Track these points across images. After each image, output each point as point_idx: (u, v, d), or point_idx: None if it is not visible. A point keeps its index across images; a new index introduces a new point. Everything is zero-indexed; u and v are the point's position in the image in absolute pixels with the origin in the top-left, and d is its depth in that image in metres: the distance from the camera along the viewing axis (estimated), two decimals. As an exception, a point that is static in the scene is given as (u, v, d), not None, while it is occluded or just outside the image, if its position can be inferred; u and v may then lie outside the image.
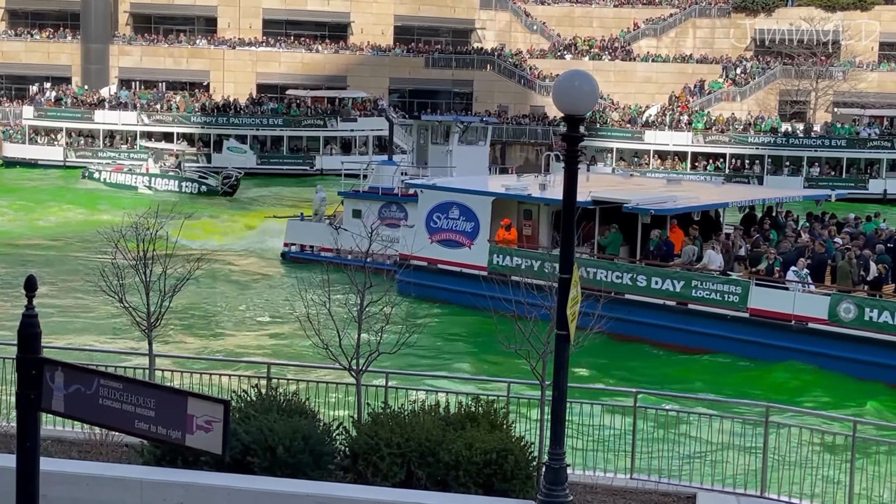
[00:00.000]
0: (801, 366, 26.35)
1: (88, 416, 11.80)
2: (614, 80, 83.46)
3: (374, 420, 12.66)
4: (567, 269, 11.09)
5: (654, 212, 29.33)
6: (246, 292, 35.26)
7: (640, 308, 28.44)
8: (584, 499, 12.54)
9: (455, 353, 28.52)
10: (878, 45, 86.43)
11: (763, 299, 27.16)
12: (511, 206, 32.35)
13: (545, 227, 32.13)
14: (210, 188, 59.33)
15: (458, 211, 32.40)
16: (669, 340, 28.18)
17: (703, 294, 27.86)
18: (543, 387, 12.53)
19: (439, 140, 42.14)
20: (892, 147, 65.84)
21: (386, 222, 37.63)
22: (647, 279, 28.60)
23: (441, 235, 32.79)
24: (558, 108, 10.98)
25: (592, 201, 29.63)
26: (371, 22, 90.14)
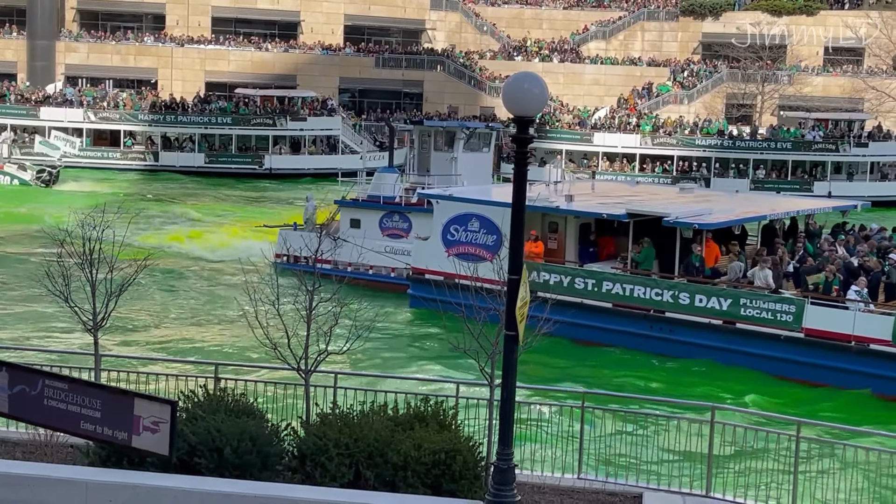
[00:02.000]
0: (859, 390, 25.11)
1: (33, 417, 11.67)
2: (563, 82, 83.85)
3: (322, 421, 12.63)
4: (516, 269, 11.13)
5: (697, 226, 27.90)
6: (200, 295, 34.96)
7: (683, 327, 27.19)
8: (531, 499, 12.59)
9: (406, 353, 28.50)
10: (822, 49, 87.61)
11: (819, 319, 25.71)
12: (535, 219, 30.38)
13: (572, 241, 30.74)
14: (22, 181, 58.56)
15: (478, 223, 30.71)
16: (717, 360, 26.76)
17: (753, 313, 26.33)
18: (492, 387, 12.57)
19: (443, 147, 40.35)
20: (837, 150, 66.75)
21: (388, 233, 36.70)
22: (691, 297, 27.14)
23: (459, 248, 30.83)
24: (508, 110, 11.02)
25: (627, 214, 28.58)
26: (321, 21, 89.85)
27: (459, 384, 14.56)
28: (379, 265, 36.07)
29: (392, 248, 35.99)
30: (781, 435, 14.46)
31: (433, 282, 30.30)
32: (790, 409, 22.98)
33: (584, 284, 28.45)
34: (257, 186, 66.02)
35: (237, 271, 37.53)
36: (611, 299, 28.18)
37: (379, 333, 29.23)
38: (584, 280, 28.49)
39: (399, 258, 35.18)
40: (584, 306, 28.21)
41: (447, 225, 31.37)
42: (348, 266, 35.59)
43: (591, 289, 28.35)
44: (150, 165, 70.50)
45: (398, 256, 35.27)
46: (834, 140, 67.09)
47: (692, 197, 34.76)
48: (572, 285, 28.52)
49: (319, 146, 74.11)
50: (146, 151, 71.33)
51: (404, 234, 36.72)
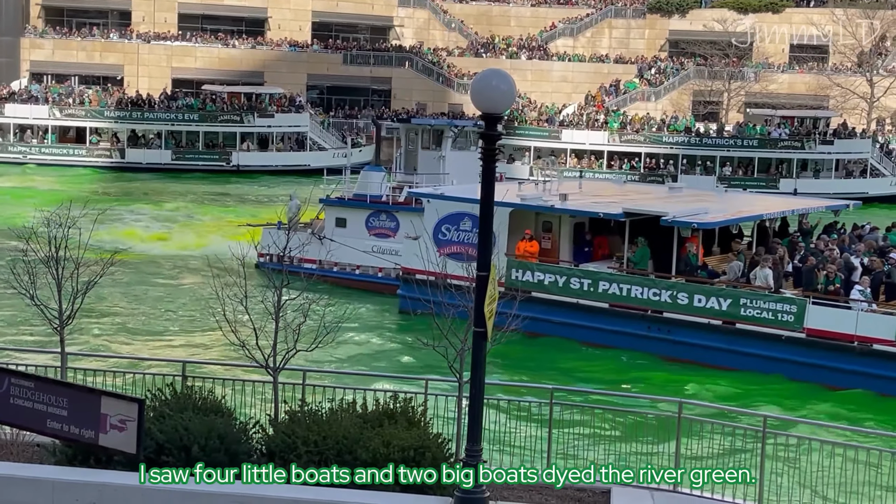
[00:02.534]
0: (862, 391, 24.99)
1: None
2: (531, 80, 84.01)
3: (290, 418, 12.60)
4: (484, 266, 11.15)
5: (696, 225, 27.88)
6: (170, 294, 34.75)
7: (681, 328, 27.03)
8: (500, 494, 12.61)
9: (376, 351, 28.47)
10: (788, 47, 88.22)
11: (821, 319, 25.48)
12: (528, 218, 30.41)
13: (566, 240, 30.59)
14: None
15: (470, 222, 30.09)
16: (715, 362, 26.53)
17: (754, 313, 26.09)
18: (461, 384, 12.58)
19: (431, 145, 39.88)
20: (802, 147, 67.20)
21: (374, 232, 36.15)
22: (690, 297, 26.90)
23: (451, 248, 30.04)
24: (476, 107, 11.04)
25: (624, 213, 28.35)
26: (288, 17, 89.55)
27: (428, 381, 14.57)
28: (366, 265, 35.75)
29: (379, 248, 35.63)
30: (748, 430, 14.57)
31: (424, 282, 30.07)
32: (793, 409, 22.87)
33: (579, 284, 28.26)
34: (225, 183, 65.75)
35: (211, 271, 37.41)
36: (607, 300, 27.95)
37: (351, 332, 29.24)
38: (580, 280, 28.29)
39: (387, 258, 34.80)
40: (579, 307, 28.18)
41: (438, 224, 31.02)
42: (334, 266, 35.40)
43: (588, 289, 28.15)
44: (116, 163, 70.05)
45: (386, 256, 34.90)
46: (799, 138, 67.55)
47: (684, 196, 34.49)
48: (568, 285, 28.31)
49: (287, 143, 73.87)
50: (112, 149, 70.88)
51: (392, 234, 36.23)
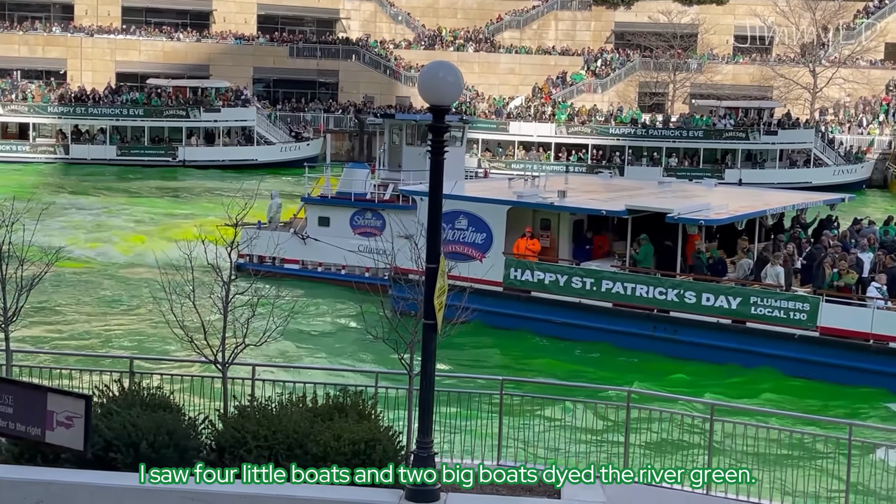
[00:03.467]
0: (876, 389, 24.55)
1: (-58, 415, 11.32)
2: (478, 72, 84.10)
3: (240, 413, 12.55)
4: (434, 258, 11.17)
5: (703, 222, 27.35)
6: (119, 292, 34.38)
7: (689, 327, 26.31)
8: (451, 486, 12.63)
9: (325, 344, 28.41)
10: (732, 38, 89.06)
11: (836, 317, 24.90)
12: (525, 216, 29.55)
13: (566, 239, 29.81)
14: None
15: (466, 221, 29.36)
16: (724, 361, 25.83)
17: (765, 312, 25.44)
18: (411, 376, 12.59)
19: (415, 141, 38.41)
20: (747, 138, 67.88)
21: (360, 231, 35.21)
22: (697, 295, 26.20)
23: (446, 248, 29.06)
24: (424, 99, 11.06)
25: (627, 210, 27.63)
26: (233, 10, 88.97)
27: (378, 374, 14.56)
28: (352, 265, 34.71)
29: (366, 248, 35.18)
30: (696, 417, 14.72)
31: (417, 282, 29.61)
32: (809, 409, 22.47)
33: (581, 284, 27.52)
34: (172, 179, 65.20)
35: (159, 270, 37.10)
36: (611, 299, 27.22)
37: (303, 325, 29.16)
38: (582, 279, 27.55)
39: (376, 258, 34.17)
40: (581, 307, 27.53)
41: None
42: (319, 266, 34.67)
43: (590, 288, 27.42)
44: (60, 158, 69.24)
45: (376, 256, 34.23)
46: (744, 128, 68.24)
47: (677, 191, 33.81)
48: (569, 285, 27.56)
49: (234, 137, 73.41)
50: (56, 144, 70.03)
51: (377, 233, 35.02)
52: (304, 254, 35.60)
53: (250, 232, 36.18)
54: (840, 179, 66.50)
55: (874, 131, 74.37)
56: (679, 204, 28.51)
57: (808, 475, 14.52)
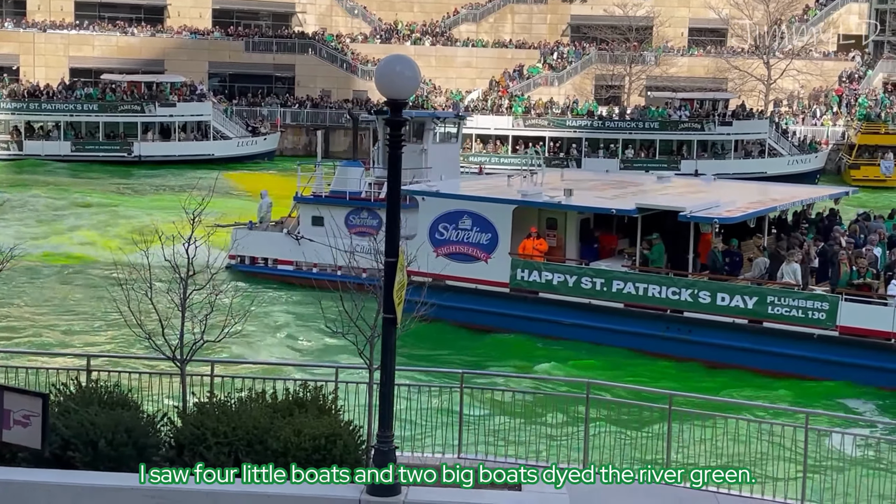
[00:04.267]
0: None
1: None
2: (435, 65, 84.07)
3: (199, 410, 12.48)
4: (393, 253, 11.17)
5: (717, 220, 26.41)
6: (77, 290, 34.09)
7: (703, 327, 25.71)
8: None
9: (286, 340, 28.32)
10: (687, 30, 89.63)
11: (856, 316, 24.31)
12: (531, 215, 28.82)
13: (573, 238, 29.02)
14: None
15: (470, 221, 28.56)
16: (740, 362, 25.30)
17: (782, 311, 24.84)
18: (371, 370, 12.58)
19: (411, 138, 37.26)
20: (702, 129, 68.37)
21: (355, 231, 34.13)
22: (712, 295, 25.54)
23: (449, 248, 28.82)
24: (381, 93, 11.05)
25: (637, 209, 26.94)
26: (188, 5, 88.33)
27: (338, 368, 14.55)
28: (348, 266, 34.36)
29: (363, 248, 34.38)
30: (655, 408, 14.83)
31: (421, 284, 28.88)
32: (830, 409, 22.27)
33: (591, 284, 26.87)
34: (127, 175, 64.66)
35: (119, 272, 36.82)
36: (622, 299, 26.57)
37: (264, 321, 29.04)
38: (592, 279, 26.89)
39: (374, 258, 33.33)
40: (592, 307, 26.93)
41: (435, 223, 29.15)
42: (314, 267, 33.69)
43: (600, 289, 26.74)
44: (13, 155, 68.44)
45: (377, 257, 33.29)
46: (699, 120, 68.72)
47: (683, 188, 33.00)
48: (578, 285, 26.93)
49: (190, 132, 72.92)
50: (10, 141, 69.24)
51: (374, 232, 33.84)
52: (298, 254, 34.57)
53: (242, 232, 35.66)
54: (794, 169, 67.16)
55: (827, 122, 75.13)
56: (689, 201, 27.87)
57: (765, 462, 14.68)
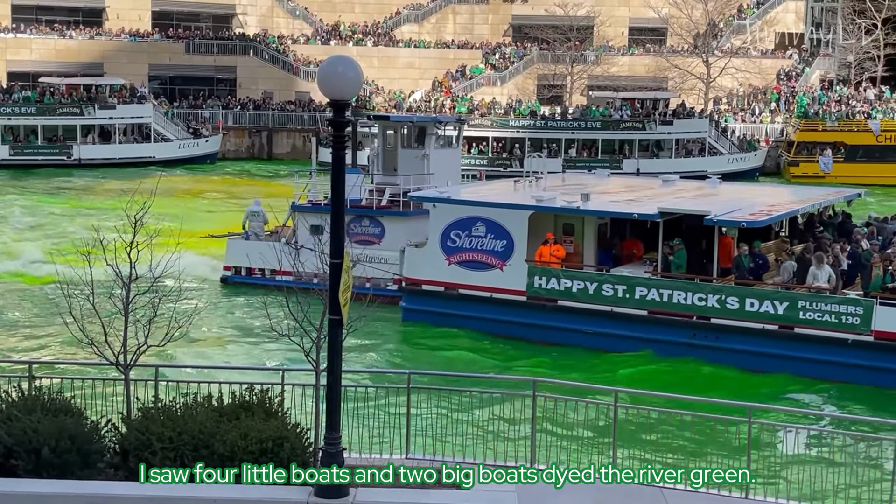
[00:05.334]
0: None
1: None
2: (378, 66, 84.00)
3: (144, 415, 12.37)
4: (338, 254, 11.14)
5: (745, 224, 25.86)
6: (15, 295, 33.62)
7: (732, 334, 25.11)
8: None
9: (232, 343, 28.12)
10: (627, 30, 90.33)
11: (891, 320, 23.74)
12: (546, 220, 28.07)
13: (591, 244, 28.28)
14: None
15: (484, 227, 27.88)
16: (771, 369, 24.75)
17: (814, 316, 24.31)
18: (318, 372, 12.54)
19: (412, 144, 36.25)
20: (643, 128, 68.95)
21: (357, 240, 33.04)
22: (740, 300, 24.94)
23: (462, 256, 28.19)
24: (323, 94, 11.02)
25: (659, 213, 26.29)
26: (127, 7, 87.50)
27: (285, 371, 14.48)
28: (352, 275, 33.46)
29: (367, 257, 32.35)
30: (600, 405, 14.92)
31: (433, 293, 28.34)
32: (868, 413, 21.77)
33: (613, 291, 26.22)
34: (68, 178, 63.90)
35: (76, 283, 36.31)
36: (646, 306, 25.92)
37: (210, 324, 28.83)
38: (614, 286, 26.23)
39: (380, 268, 31.95)
40: (614, 315, 26.27)
41: (447, 230, 28.43)
42: (314, 278, 33.07)
43: (623, 296, 26.10)
44: (-50, 160, 67.46)
45: (380, 266, 31.95)
46: (640, 119, 69.28)
47: (693, 189, 32.38)
48: (600, 292, 26.29)
49: (131, 135, 72.23)
50: (-52, 146, 68.20)
51: (376, 241, 33.57)
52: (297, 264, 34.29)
53: (237, 243, 34.60)
54: (734, 167, 67.92)
55: (766, 120, 76.06)
56: (712, 205, 27.28)
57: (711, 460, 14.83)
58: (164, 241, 13.01)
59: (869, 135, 68.83)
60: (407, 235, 31.97)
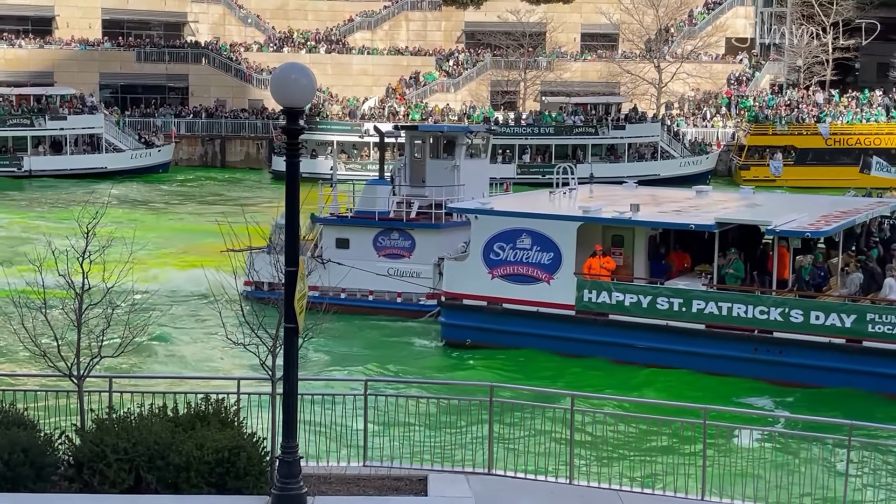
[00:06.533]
0: None
1: None
2: (331, 73, 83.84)
3: (98, 427, 12.28)
4: (293, 262, 11.11)
5: (809, 234, 24.96)
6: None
7: (796, 348, 24.20)
8: (318, 489, 12.61)
9: (187, 353, 27.91)
10: (580, 36, 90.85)
11: None
12: (594, 232, 27.16)
13: (641, 255, 27.39)
14: None
15: (530, 239, 26.93)
16: (838, 383, 23.79)
17: (885, 329, 23.38)
18: (274, 381, 12.50)
19: (441, 154, 35.08)
20: (596, 133, 69.35)
21: (385, 253, 32.50)
22: (805, 314, 24.06)
23: (506, 269, 27.20)
24: (277, 102, 11.02)
25: (716, 223, 25.35)
26: (77, 15, 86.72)
27: (240, 380, 14.40)
28: (381, 290, 32.20)
29: (397, 271, 32.02)
30: (557, 409, 14.97)
31: (476, 308, 27.49)
32: None
33: (668, 304, 25.33)
34: (19, 190, 63.16)
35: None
36: (704, 320, 24.98)
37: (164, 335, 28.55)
38: (669, 300, 25.32)
39: (416, 282, 31.28)
40: (669, 329, 25.36)
41: (490, 243, 27.40)
42: (342, 293, 31.53)
43: (679, 309, 25.18)
44: None
45: (414, 280, 31.27)
46: (593, 124, 69.66)
47: (736, 199, 31.40)
48: (654, 306, 25.41)
49: (82, 145, 71.55)
50: None
51: (406, 254, 32.58)
52: (324, 279, 31.95)
53: (259, 257, 33.68)
54: (686, 171, 68.51)
55: (717, 124, 76.75)
56: (770, 215, 26.44)
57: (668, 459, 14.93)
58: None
59: (818, 138, 69.69)
60: (438, 249, 31.60)
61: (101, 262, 13.20)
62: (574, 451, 13.95)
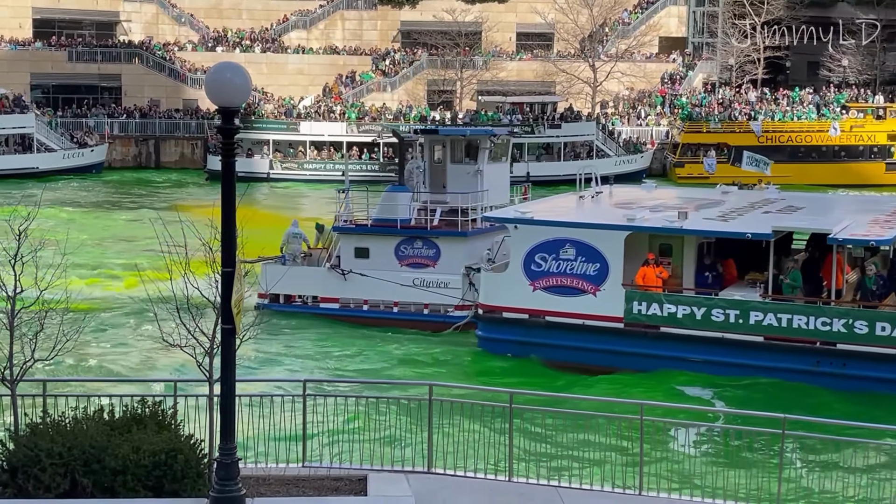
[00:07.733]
0: None
1: None
2: (267, 73, 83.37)
3: (32, 431, 12.11)
4: (229, 263, 11.04)
5: (874, 243, 23.93)
6: None
7: (861, 360, 23.41)
8: (257, 491, 12.55)
9: (123, 355, 27.61)
10: (515, 35, 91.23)
11: None
12: (640, 241, 26.19)
13: (690, 265, 26.40)
14: None
15: (574, 250, 25.94)
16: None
17: None
18: (211, 383, 12.41)
19: (462, 158, 33.76)
20: (533, 132, 69.65)
21: (407, 262, 31.42)
22: (870, 325, 23.25)
23: (549, 281, 26.23)
24: (212, 101, 10.95)
25: (773, 232, 24.43)
26: (7, 15, 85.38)
27: (177, 382, 14.29)
28: (406, 301, 31.20)
29: (423, 281, 30.94)
30: (496, 406, 15.04)
31: (516, 321, 26.55)
32: None
33: (724, 316, 24.47)
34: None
35: None
36: (762, 332, 24.15)
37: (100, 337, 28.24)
38: (725, 311, 24.47)
39: (444, 293, 30.45)
40: (725, 342, 24.52)
41: (531, 253, 26.37)
42: (364, 304, 31.14)
43: (735, 321, 24.32)
44: None
45: (441, 291, 30.45)
46: (530, 123, 69.95)
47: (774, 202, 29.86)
48: (709, 317, 24.51)
49: (13, 145, 70.44)
50: None
51: (431, 264, 31.36)
52: (345, 291, 31.35)
53: (274, 268, 31.68)
54: (622, 169, 68.89)
55: (652, 122, 77.47)
56: (830, 222, 25.61)
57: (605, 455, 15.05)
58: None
59: (751, 136, 70.66)
60: (464, 257, 30.89)
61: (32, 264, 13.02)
62: (513, 449, 14.02)
